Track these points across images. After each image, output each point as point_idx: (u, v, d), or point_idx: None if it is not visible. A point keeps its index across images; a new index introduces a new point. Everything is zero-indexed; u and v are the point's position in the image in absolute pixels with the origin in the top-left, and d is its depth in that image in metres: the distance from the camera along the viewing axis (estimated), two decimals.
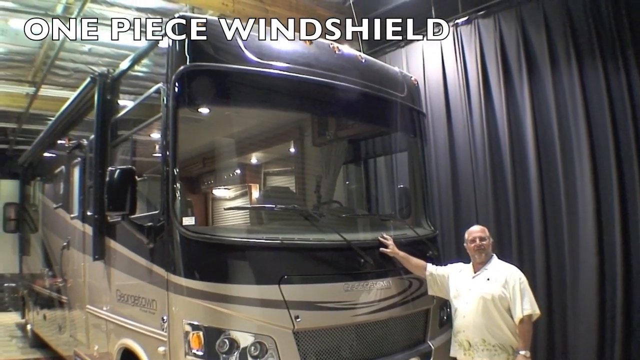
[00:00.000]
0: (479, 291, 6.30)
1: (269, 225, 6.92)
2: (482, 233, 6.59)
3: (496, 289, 6.20)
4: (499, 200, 9.91)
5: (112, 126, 7.49)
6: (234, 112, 7.15)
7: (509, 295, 6.15)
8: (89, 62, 13.98)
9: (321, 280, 6.14)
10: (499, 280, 6.26)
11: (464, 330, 6.38)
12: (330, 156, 9.02)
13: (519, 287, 6.14)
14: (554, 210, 9.30)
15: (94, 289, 8.04)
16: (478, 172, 10.24)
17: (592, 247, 8.70)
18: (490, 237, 6.62)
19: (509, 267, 6.45)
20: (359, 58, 7.59)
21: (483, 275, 6.42)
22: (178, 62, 5.94)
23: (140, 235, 6.19)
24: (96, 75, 7.69)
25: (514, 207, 9.65)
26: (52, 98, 16.07)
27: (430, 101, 11.01)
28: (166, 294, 5.79)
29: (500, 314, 6.16)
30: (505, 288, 6.18)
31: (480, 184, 10.17)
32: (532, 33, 9.65)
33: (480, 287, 6.33)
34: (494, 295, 6.18)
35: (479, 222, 9.74)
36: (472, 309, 6.29)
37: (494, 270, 6.40)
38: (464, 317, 6.39)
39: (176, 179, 5.82)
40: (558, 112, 9.24)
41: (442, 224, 10.52)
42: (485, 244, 6.51)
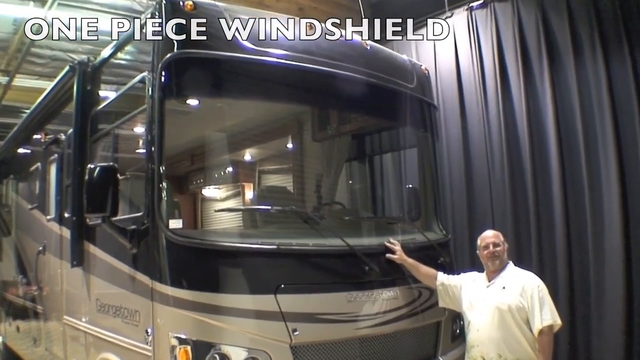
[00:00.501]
0: (493, 301, 6.24)
1: (264, 229, 6.89)
2: (496, 238, 6.54)
3: (513, 299, 6.14)
4: (518, 201, 9.88)
5: (93, 119, 7.43)
6: (226, 104, 7.12)
7: (526, 305, 6.08)
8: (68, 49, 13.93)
9: (322, 290, 6.07)
10: (515, 288, 6.20)
11: (477, 345, 6.33)
12: (331, 153, 8.98)
13: (538, 296, 6.08)
14: (577, 212, 9.28)
15: (72, 298, 7.97)
16: (494, 170, 10.22)
17: (619, 252, 8.68)
18: (505, 243, 6.56)
19: (526, 274, 6.42)
20: (363, 45, 7.55)
21: (498, 283, 6.36)
22: (164, 49, 5.88)
23: (122, 239, 6.15)
24: (75, 64, 7.61)
25: (533, 208, 9.62)
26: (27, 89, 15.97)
27: (442, 92, 11.00)
28: (151, 304, 5.72)
29: (518, 326, 6.10)
30: (523, 297, 6.12)
31: (497, 183, 10.15)
32: (554, 18, 9.62)
33: (495, 297, 6.27)
34: (511, 305, 6.11)
35: (496, 225, 9.77)
36: (487, 321, 6.23)
37: (509, 278, 6.35)
38: (477, 330, 6.34)
39: (162, 177, 5.76)
40: (582, 104, 9.22)
41: (455, 227, 10.49)
42: (499, 250, 6.45)
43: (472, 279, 6.74)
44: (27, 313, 10.56)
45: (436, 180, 8.41)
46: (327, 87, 7.05)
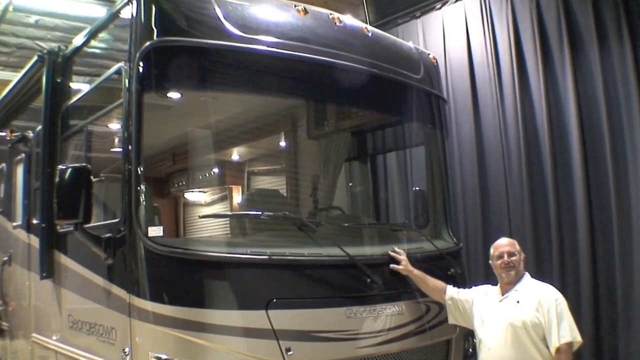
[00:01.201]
0: (507, 317, 6.21)
1: (254, 237, 6.88)
2: (511, 247, 6.52)
3: (528, 314, 6.12)
4: (537, 205, 9.89)
5: (64, 115, 7.44)
6: (211, 98, 7.10)
7: (543, 321, 6.06)
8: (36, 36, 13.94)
9: (318, 305, 6.07)
10: (531, 302, 6.17)
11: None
12: (329, 152, 8.98)
13: (556, 310, 6.05)
14: (602, 217, 9.29)
15: (42, 314, 8.00)
16: (511, 171, 10.23)
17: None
18: (521, 252, 6.54)
19: (543, 287, 6.40)
20: (364, 31, 7.55)
21: (512, 297, 6.34)
22: (143, 36, 5.86)
23: (96, 248, 6.12)
24: (44, 53, 7.62)
25: (554, 213, 9.62)
26: None
27: (453, 84, 11.02)
28: (128, 321, 5.70)
29: (534, 343, 6.08)
30: (539, 312, 6.09)
31: (514, 185, 10.16)
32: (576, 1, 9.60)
33: (508, 312, 6.25)
34: (526, 321, 6.09)
35: (513, 232, 9.79)
36: (500, 339, 6.21)
37: (525, 291, 6.33)
38: (489, 349, 6.33)
39: (141, 179, 5.74)
40: (607, 96, 9.23)
41: (468, 235, 10.52)
42: (514, 260, 6.43)
43: (484, 293, 6.74)
44: None
45: (446, 182, 8.39)
46: (324, 78, 7.06)
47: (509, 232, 9.96)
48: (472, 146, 10.75)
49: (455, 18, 11.16)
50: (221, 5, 6.20)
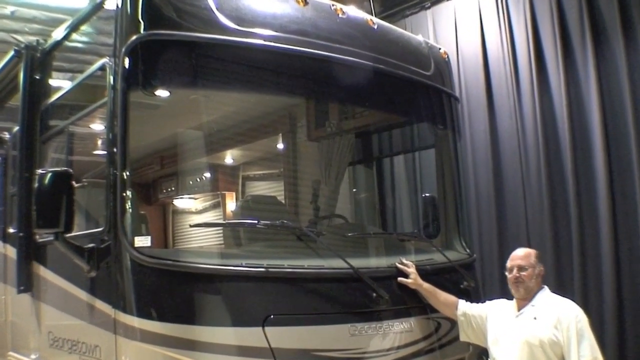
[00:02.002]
0: (523, 335, 6.23)
1: (249, 248, 6.87)
2: (523, 261, 6.50)
3: (546, 332, 6.13)
4: (557, 213, 9.90)
5: (43, 114, 7.46)
6: (202, 96, 7.12)
7: (562, 339, 6.07)
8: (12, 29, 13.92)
9: (319, 322, 6.06)
10: (549, 319, 6.18)
11: None
12: (331, 155, 8.98)
13: (576, 328, 6.06)
14: (627, 226, 9.30)
15: (19, 331, 8.00)
16: (529, 175, 10.25)
17: None
18: (536, 266, 6.50)
19: (563, 303, 6.41)
20: (369, 23, 7.57)
21: (529, 313, 6.36)
22: (129, 29, 5.87)
23: (78, 260, 6.08)
24: (22, 47, 7.65)
25: (576, 222, 9.63)
26: None
27: (466, 81, 11.05)
28: (114, 338, 5.69)
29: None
30: (558, 330, 6.11)
31: (533, 191, 10.17)
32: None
33: (525, 329, 6.27)
34: (543, 339, 6.11)
35: (531, 242, 9.79)
36: (515, 358, 6.24)
37: (542, 307, 6.34)
38: None
39: (126, 184, 5.76)
40: (634, 95, 9.25)
41: (482, 245, 10.52)
42: (524, 275, 6.42)
43: (498, 308, 6.76)
44: None
45: (458, 188, 8.43)
46: (326, 75, 7.07)
47: (527, 242, 9.99)
48: (486, 149, 10.77)
49: (469, 9, 11.19)
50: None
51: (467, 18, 11.18)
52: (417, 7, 12.04)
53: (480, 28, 11.00)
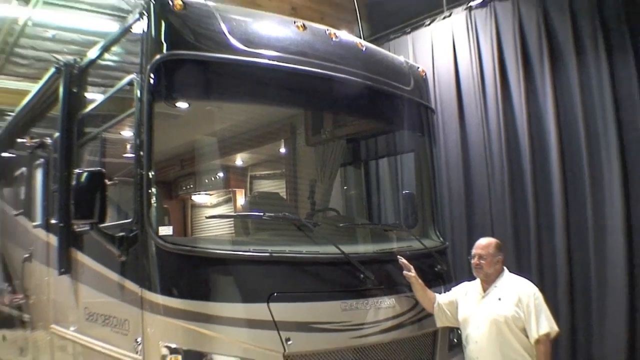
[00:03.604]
0: (490, 314, 6.32)
1: (256, 236, 6.89)
2: (483, 250, 6.57)
3: (509, 310, 6.22)
4: (518, 207, 9.93)
5: (79, 123, 7.44)
6: (216, 107, 7.18)
7: (523, 315, 6.17)
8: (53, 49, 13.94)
9: (316, 299, 6.09)
10: (511, 298, 6.28)
11: (477, 357, 6.44)
12: (326, 157, 8.99)
13: (534, 304, 6.17)
14: (579, 219, 9.34)
15: (60, 307, 7.99)
16: (494, 175, 10.27)
17: (621, 258, 8.75)
18: (495, 255, 6.54)
19: (522, 283, 6.48)
20: (359, 46, 7.59)
21: (494, 294, 6.44)
22: (153, 50, 5.90)
23: (110, 246, 6.16)
24: (61, 65, 7.64)
25: (534, 214, 9.67)
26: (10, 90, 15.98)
27: (440, 95, 11.06)
28: (140, 313, 5.73)
29: (515, 335, 6.20)
30: (519, 307, 6.20)
31: (497, 188, 10.20)
32: (556, 17, 9.67)
33: (491, 309, 6.35)
34: (507, 316, 6.20)
35: (495, 232, 9.83)
36: (484, 333, 6.32)
37: (505, 288, 6.42)
38: (476, 342, 6.43)
39: (151, 182, 5.78)
40: (584, 108, 9.26)
41: (453, 234, 10.55)
42: (483, 263, 6.51)
43: (465, 291, 6.84)
44: (13, 322, 10.52)
45: (434, 186, 8.41)
46: (321, 89, 7.09)
47: (491, 231, 10.06)
48: (457, 153, 10.80)
49: (443, 34, 11.21)
50: (226, 21, 6.25)
51: (442, 42, 11.20)
52: (399, 33, 12.05)
53: (453, 50, 11.02)
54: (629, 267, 8.68)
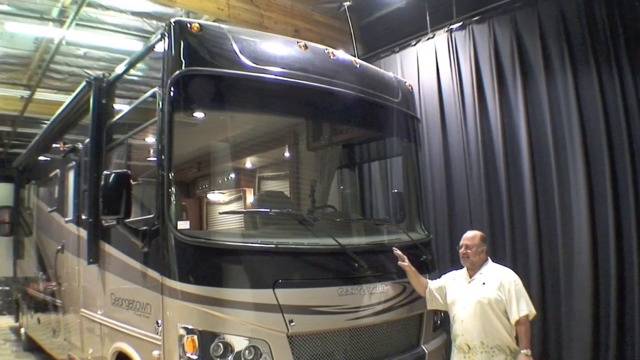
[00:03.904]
0: (475, 296, 6.36)
1: (263, 230, 6.90)
2: (469, 241, 6.61)
3: (492, 293, 6.26)
4: (493, 205, 9.93)
5: (107, 130, 7.47)
6: (229, 117, 7.15)
7: (504, 298, 6.21)
8: (84, 65, 14.03)
9: (315, 285, 6.12)
10: (494, 283, 6.32)
11: (462, 334, 6.44)
12: (324, 161, 9.02)
13: (515, 289, 6.22)
14: (548, 216, 9.34)
15: (88, 293, 8.02)
16: (472, 177, 10.26)
17: (586, 252, 8.74)
18: (480, 246, 6.59)
19: (504, 271, 6.51)
20: (353, 63, 7.59)
21: (479, 279, 6.47)
22: (174, 66, 5.92)
23: (135, 239, 6.21)
24: (92, 79, 7.66)
25: (507, 212, 9.67)
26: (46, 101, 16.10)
27: (425, 106, 11.02)
28: (161, 298, 5.77)
29: (497, 316, 6.23)
30: (501, 291, 6.25)
31: (475, 189, 10.19)
32: (527, 39, 9.65)
33: (476, 291, 6.39)
34: (490, 299, 6.24)
35: (473, 226, 9.82)
36: (470, 313, 6.36)
37: (489, 274, 6.45)
38: (462, 321, 6.45)
39: (171, 183, 5.79)
40: (552, 118, 9.25)
41: (437, 228, 10.53)
42: (469, 252, 6.56)
43: (452, 278, 6.87)
44: (47, 306, 10.61)
45: (419, 186, 8.42)
46: (321, 101, 7.11)
47: (470, 226, 10.01)
48: (440, 157, 10.77)
49: (427, 53, 11.18)
50: (237, 41, 6.27)
51: (426, 60, 11.18)
52: (389, 52, 12.01)
53: (436, 67, 10.99)
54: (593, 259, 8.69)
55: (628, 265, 8.48)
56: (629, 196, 8.46)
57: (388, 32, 12.67)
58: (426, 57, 11.22)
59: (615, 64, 8.65)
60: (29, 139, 15.15)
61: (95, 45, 13.25)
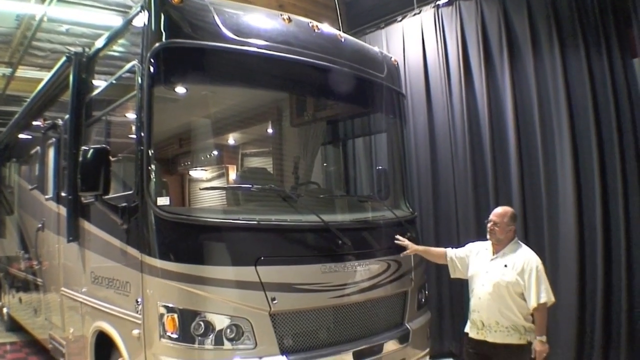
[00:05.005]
0: (494, 277, 6.32)
1: (245, 206, 6.77)
2: (498, 218, 6.50)
3: (511, 277, 6.22)
4: (478, 183, 9.89)
5: (87, 106, 7.40)
6: (210, 91, 7.09)
7: (523, 283, 6.17)
8: (67, 42, 13.92)
9: (298, 262, 6.06)
10: (515, 267, 6.26)
11: (478, 311, 6.44)
12: (308, 137, 8.96)
13: (535, 275, 6.14)
14: (533, 193, 9.34)
15: (69, 271, 7.96)
16: (457, 155, 10.22)
17: (572, 230, 8.75)
18: (509, 224, 6.47)
19: (527, 255, 6.39)
20: (338, 37, 7.49)
21: (501, 261, 6.41)
22: (153, 39, 5.80)
23: (114, 216, 6.14)
24: (72, 54, 7.58)
25: (493, 190, 9.64)
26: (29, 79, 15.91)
27: (410, 83, 10.93)
28: (140, 276, 5.70)
29: (513, 299, 6.21)
30: (521, 276, 6.19)
31: (460, 166, 10.15)
32: (514, 15, 9.59)
33: (496, 272, 6.35)
34: (509, 282, 6.21)
35: (458, 203, 9.97)
36: (487, 292, 6.34)
37: (512, 257, 6.37)
38: (479, 298, 6.44)
39: (151, 157, 5.70)
40: (539, 96, 9.23)
41: (421, 205, 10.47)
42: (497, 229, 6.46)
43: (476, 251, 6.79)
44: (29, 286, 10.61)
45: (404, 163, 8.37)
46: (305, 75, 7.02)
47: (455, 204, 10.17)
48: (425, 134, 10.69)
49: (413, 29, 11.08)
50: (219, 13, 6.15)
51: (412, 36, 11.08)
52: (374, 27, 11.92)
53: (422, 43, 10.90)
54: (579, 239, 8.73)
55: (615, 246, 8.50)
56: (617, 176, 8.46)
57: (374, 7, 12.58)
58: (412, 34, 11.12)
59: (604, 43, 8.63)
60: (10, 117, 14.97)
61: (77, 21, 13.10)
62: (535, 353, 6.06)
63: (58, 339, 8.52)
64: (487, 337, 6.30)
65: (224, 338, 5.43)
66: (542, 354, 6.05)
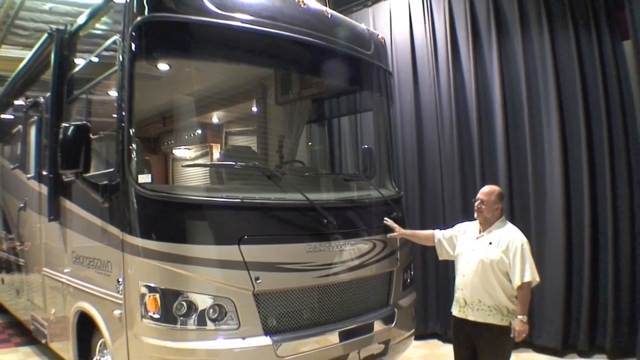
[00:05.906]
0: (479, 254, 6.25)
1: (229, 184, 6.70)
2: (485, 196, 6.42)
3: (496, 255, 6.15)
4: (465, 162, 9.88)
5: (69, 83, 7.28)
6: (194, 68, 6.98)
7: (508, 262, 6.10)
8: (50, 21, 13.72)
9: (282, 241, 5.98)
10: (500, 245, 6.19)
11: (462, 289, 6.38)
12: (293, 115, 8.83)
13: (520, 254, 6.07)
14: (520, 174, 9.37)
15: (50, 251, 7.89)
16: (444, 134, 10.18)
17: (559, 208, 8.79)
18: (496, 202, 6.38)
19: (513, 233, 6.31)
20: (325, 13, 7.35)
21: (486, 238, 6.34)
22: (135, 13, 5.65)
23: (95, 194, 6.01)
24: (53, 31, 7.44)
25: (479, 170, 9.65)
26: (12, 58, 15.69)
27: (397, 61, 10.85)
28: (121, 255, 5.62)
29: (497, 278, 6.13)
30: (505, 254, 6.12)
31: (446, 146, 10.12)
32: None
33: (481, 250, 6.28)
34: (493, 260, 6.13)
35: (444, 182, 10.03)
36: (471, 269, 6.27)
37: (497, 235, 6.30)
38: (463, 276, 6.38)
39: (132, 135, 5.59)
40: (527, 76, 9.24)
41: (407, 184, 10.44)
42: (484, 207, 6.38)
43: (463, 230, 6.74)
44: (11, 266, 10.54)
45: (390, 141, 8.27)
46: (290, 52, 6.90)
47: (441, 183, 10.17)
48: (411, 112, 10.63)
49: (401, 7, 10.99)
50: None
51: (399, 13, 10.99)
52: (361, 5, 11.81)
53: (409, 21, 10.82)
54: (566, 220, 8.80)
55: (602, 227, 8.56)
56: (604, 156, 8.51)
57: None
58: (400, 12, 11.03)
59: (593, 24, 8.65)
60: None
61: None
62: (515, 332, 6.00)
63: (40, 320, 8.44)
64: (469, 315, 6.25)
65: (207, 318, 5.35)
66: (521, 333, 5.98)
